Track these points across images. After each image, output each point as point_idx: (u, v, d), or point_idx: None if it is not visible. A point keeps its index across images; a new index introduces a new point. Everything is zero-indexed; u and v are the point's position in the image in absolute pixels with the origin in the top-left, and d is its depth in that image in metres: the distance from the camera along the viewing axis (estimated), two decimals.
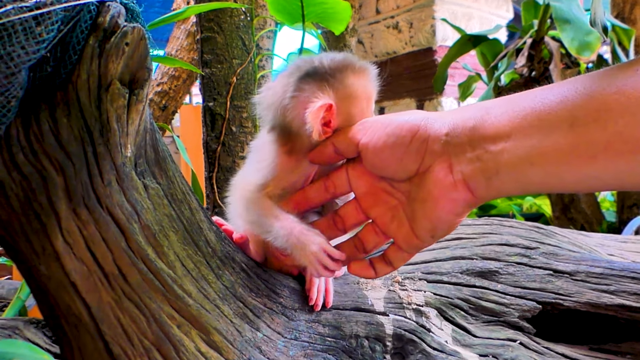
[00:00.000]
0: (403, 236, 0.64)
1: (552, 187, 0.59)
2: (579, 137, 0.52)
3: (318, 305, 0.73)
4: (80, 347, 0.60)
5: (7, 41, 0.52)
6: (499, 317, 0.82)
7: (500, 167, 0.56)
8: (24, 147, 0.57)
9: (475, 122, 0.57)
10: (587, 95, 0.52)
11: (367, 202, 0.67)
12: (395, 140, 0.60)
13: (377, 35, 4.42)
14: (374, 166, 0.64)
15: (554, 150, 0.53)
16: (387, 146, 0.61)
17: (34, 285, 0.62)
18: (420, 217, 0.62)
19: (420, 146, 0.59)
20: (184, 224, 0.65)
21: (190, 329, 0.62)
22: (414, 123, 0.60)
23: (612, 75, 0.52)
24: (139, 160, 0.62)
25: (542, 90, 0.56)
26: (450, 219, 0.61)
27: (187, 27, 2.56)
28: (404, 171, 0.62)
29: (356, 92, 0.67)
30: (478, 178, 0.58)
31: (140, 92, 0.60)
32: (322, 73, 0.66)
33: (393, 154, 0.61)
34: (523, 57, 2.24)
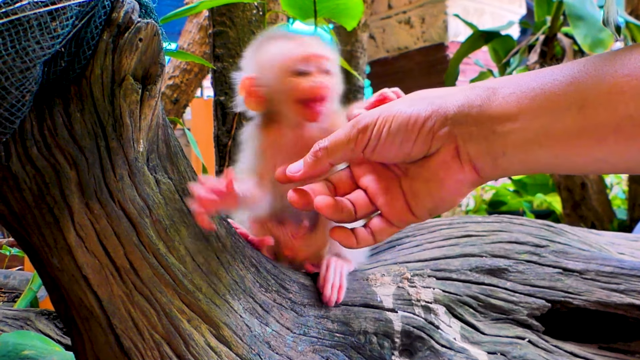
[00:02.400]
0: (396, 210, 0.61)
1: (559, 168, 0.59)
2: (588, 120, 0.51)
3: (332, 301, 0.73)
4: (92, 340, 0.61)
5: (23, 36, 0.52)
6: (507, 314, 0.82)
7: (507, 148, 0.55)
8: (37, 141, 0.57)
9: (482, 102, 0.56)
10: (597, 77, 0.51)
11: (360, 171, 0.64)
12: (402, 138, 0.58)
13: (388, 31, 4.41)
14: (378, 159, 0.61)
15: (563, 132, 0.52)
16: (394, 145, 0.58)
17: (47, 278, 0.63)
18: (422, 196, 0.60)
19: (427, 136, 0.57)
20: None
21: (200, 323, 0.62)
22: (418, 116, 0.57)
23: (624, 56, 0.51)
24: (151, 155, 0.63)
25: (551, 71, 0.55)
26: (453, 199, 0.60)
27: (199, 21, 2.56)
28: (409, 159, 0.60)
29: (272, 60, 0.73)
30: (484, 158, 0.57)
31: (153, 87, 0.61)
32: (252, 49, 0.75)
33: (400, 151, 0.59)
34: (535, 53, 2.23)
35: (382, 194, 0.61)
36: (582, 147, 0.52)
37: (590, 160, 0.54)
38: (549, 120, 0.53)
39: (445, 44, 4.01)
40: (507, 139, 0.54)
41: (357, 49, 2.91)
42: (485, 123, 0.55)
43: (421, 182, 0.59)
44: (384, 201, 0.61)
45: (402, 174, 0.61)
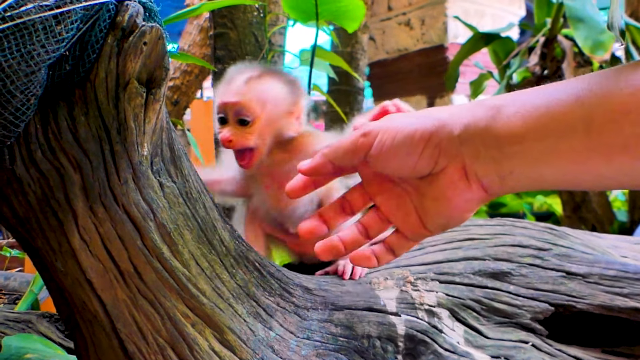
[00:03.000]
0: (410, 226, 0.62)
1: (567, 185, 0.59)
2: (595, 140, 0.51)
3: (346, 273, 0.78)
4: (95, 344, 0.61)
5: (28, 40, 0.52)
6: (511, 318, 0.82)
7: (514, 167, 0.55)
8: (42, 144, 0.57)
9: (487, 123, 0.55)
10: (602, 96, 0.51)
11: (372, 189, 0.64)
12: (408, 150, 0.57)
13: (388, 32, 4.41)
14: (383, 171, 0.62)
15: (570, 151, 0.52)
16: (398, 156, 0.58)
17: (50, 281, 0.62)
18: (431, 214, 0.60)
19: (433, 151, 0.57)
20: (199, 222, 0.65)
21: (204, 327, 0.62)
22: (424, 129, 0.57)
23: (628, 74, 0.51)
24: (155, 159, 0.63)
25: (555, 89, 0.54)
26: (463, 216, 0.60)
27: (199, 23, 2.57)
28: (415, 174, 0.60)
29: None
30: (492, 177, 0.57)
31: (158, 91, 0.60)
32: None
33: (405, 163, 0.58)
34: (536, 55, 2.23)
35: (395, 211, 0.62)
36: (590, 166, 0.52)
37: (597, 177, 0.54)
38: (555, 140, 0.52)
39: (444, 45, 4.01)
40: (514, 158, 0.54)
41: (357, 51, 2.91)
42: (492, 143, 0.55)
43: (430, 200, 0.59)
44: (397, 217, 0.62)
45: (412, 191, 0.61)
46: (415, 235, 0.62)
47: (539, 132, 0.53)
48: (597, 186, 0.57)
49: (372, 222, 0.64)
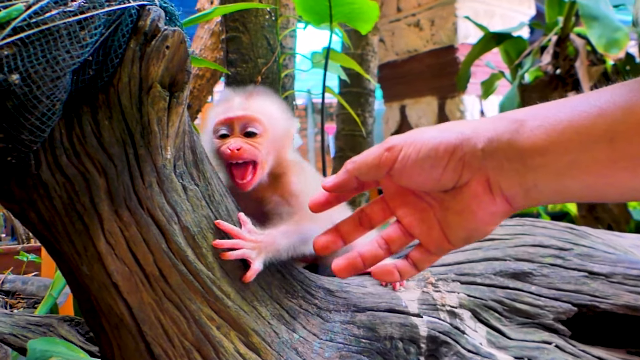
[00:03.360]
0: (433, 239, 0.62)
1: (591, 198, 0.58)
2: (619, 152, 0.51)
3: None
4: (121, 347, 0.61)
5: (53, 45, 0.53)
6: (533, 319, 0.81)
7: (539, 180, 0.55)
8: (67, 149, 0.57)
9: (511, 136, 0.55)
10: (626, 109, 0.51)
11: (395, 202, 0.65)
12: (432, 163, 0.58)
13: (398, 33, 4.40)
14: (407, 185, 0.62)
15: (594, 164, 0.52)
16: (423, 170, 0.59)
17: (75, 285, 0.63)
18: (455, 227, 0.60)
19: (457, 165, 0.57)
20: None
21: (229, 330, 0.62)
22: (449, 142, 0.57)
23: None
24: (178, 162, 0.63)
25: (578, 101, 0.54)
26: (486, 229, 0.60)
27: (210, 27, 2.57)
28: (439, 188, 0.60)
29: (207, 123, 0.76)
30: (516, 190, 0.57)
31: (180, 94, 0.61)
32: None
33: (430, 176, 0.59)
34: (548, 54, 2.22)
35: (418, 224, 0.62)
36: (614, 178, 0.52)
37: (623, 189, 0.53)
38: (579, 154, 0.52)
39: (454, 46, 3.99)
40: (538, 172, 0.55)
41: (368, 53, 2.92)
42: (515, 156, 0.55)
43: (454, 213, 0.60)
44: (420, 231, 0.62)
45: (435, 204, 0.61)
46: (438, 249, 0.62)
47: (562, 145, 0.53)
48: (622, 198, 0.57)
49: (394, 236, 0.64)
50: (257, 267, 0.64)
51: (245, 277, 0.64)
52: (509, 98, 2.37)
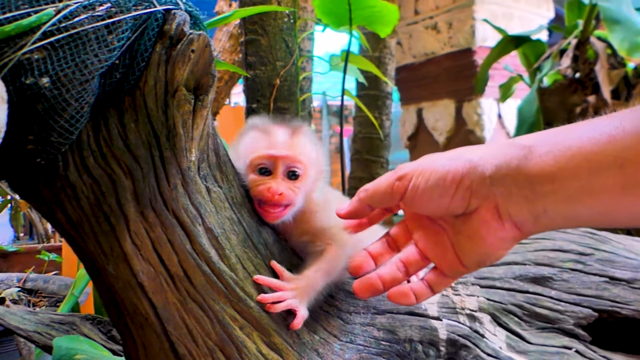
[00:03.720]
0: (447, 262, 0.63)
1: (602, 224, 0.59)
2: (629, 179, 0.51)
3: None
4: (146, 346, 0.62)
5: (82, 49, 0.54)
6: (553, 324, 0.81)
7: (548, 206, 0.55)
8: (94, 151, 0.58)
9: (519, 162, 0.56)
10: (635, 134, 0.51)
11: (412, 225, 0.66)
12: (441, 192, 0.59)
13: (415, 36, 4.40)
14: (419, 211, 0.64)
15: (604, 191, 0.52)
16: (432, 198, 0.60)
17: (101, 284, 0.64)
18: (467, 251, 0.61)
19: (465, 193, 0.58)
20: (244, 227, 0.66)
21: (252, 330, 0.63)
22: (456, 171, 0.58)
23: None
24: (202, 164, 0.64)
25: (587, 127, 0.54)
26: (498, 253, 0.60)
27: (229, 30, 2.59)
28: (449, 214, 0.61)
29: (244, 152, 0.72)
30: (525, 216, 0.57)
31: (205, 97, 0.62)
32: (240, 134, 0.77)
33: (439, 204, 0.60)
34: (568, 57, 2.21)
35: (433, 248, 0.64)
36: (625, 204, 0.52)
37: (633, 215, 0.53)
38: (588, 179, 0.53)
39: (472, 49, 3.97)
40: (547, 198, 0.55)
41: (386, 55, 2.91)
42: (524, 183, 0.55)
43: (465, 237, 0.61)
44: (435, 254, 0.64)
45: (449, 228, 0.62)
46: (452, 272, 0.63)
47: (571, 171, 0.53)
48: (632, 224, 0.56)
49: (412, 260, 0.65)
50: (303, 314, 0.66)
51: (293, 325, 0.65)
52: (528, 102, 2.36)
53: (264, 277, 0.65)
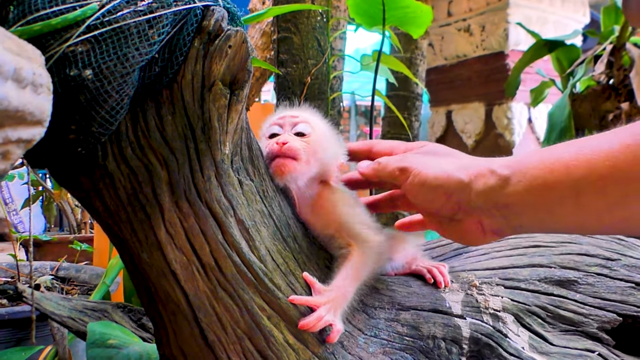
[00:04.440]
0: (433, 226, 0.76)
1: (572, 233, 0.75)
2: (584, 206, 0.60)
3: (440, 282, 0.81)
4: (177, 332, 0.64)
5: (124, 43, 0.56)
6: (577, 326, 0.81)
7: (524, 223, 0.66)
8: (132, 142, 0.60)
9: (497, 192, 0.65)
10: (587, 168, 0.59)
11: None
12: (432, 198, 0.69)
13: (447, 38, 4.38)
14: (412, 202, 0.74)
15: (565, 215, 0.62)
16: (424, 200, 0.71)
17: (135, 272, 0.66)
18: (450, 235, 0.74)
19: (454, 206, 0.68)
20: (274, 220, 0.68)
21: (279, 321, 0.65)
22: (448, 188, 0.67)
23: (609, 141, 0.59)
24: (235, 158, 0.65)
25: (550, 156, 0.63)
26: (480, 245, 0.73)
27: (261, 27, 2.60)
28: (440, 214, 0.71)
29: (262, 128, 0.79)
30: (504, 229, 0.68)
31: (240, 92, 0.63)
32: None
33: (429, 206, 0.72)
34: (602, 63, 2.18)
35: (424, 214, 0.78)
36: (584, 223, 0.62)
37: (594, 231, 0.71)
38: (552, 206, 0.62)
39: (505, 52, 3.95)
40: (522, 217, 0.65)
41: (417, 57, 2.92)
42: (502, 207, 0.65)
43: (450, 231, 0.73)
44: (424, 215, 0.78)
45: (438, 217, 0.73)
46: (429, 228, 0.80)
47: (538, 200, 0.63)
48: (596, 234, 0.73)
49: None
50: (339, 329, 0.67)
51: (330, 339, 0.67)
52: (559, 107, 2.34)
53: (299, 297, 0.66)
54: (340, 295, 0.69)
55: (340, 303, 0.68)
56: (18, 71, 0.44)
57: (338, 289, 0.69)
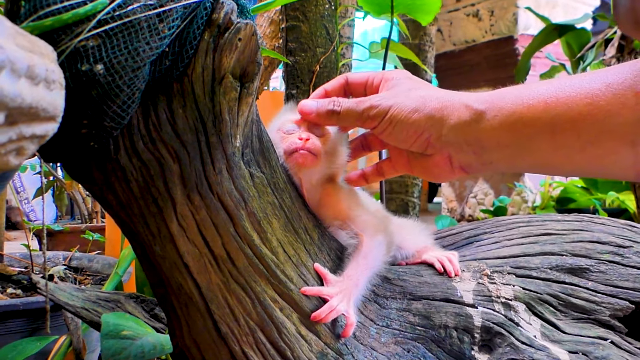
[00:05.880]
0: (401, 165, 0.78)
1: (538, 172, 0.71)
2: (558, 143, 0.61)
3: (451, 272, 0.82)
4: (189, 324, 0.65)
5: (134, 37, 0.56)
6: (589, 314, 0.81)
7: (494, 159, 0.67)
8: (143, 135, 0.61)
9: (471, 125, 0.66)
10: (565, 104, 0.60)
11: None
12: (403, 138, 0.70)
13: (456, 24, 4.35)
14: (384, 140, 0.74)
15: (538, 151, 0.63)
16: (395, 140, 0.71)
17: (147, 264, 0.66)
18: (418, 172, 0.76)
19: (423, 143, 0.69)
20: (285, 212, 0.68)
21: (291, 312, 0.65)
22: (418, 126, 0.68)
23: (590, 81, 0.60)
24: (246, 150, 0.66)
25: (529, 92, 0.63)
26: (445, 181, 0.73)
27: (269, 15, 2.59)
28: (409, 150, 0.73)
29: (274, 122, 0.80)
30: (473, 164, 0.69)
31: (251, 85, 0.63)
32: None
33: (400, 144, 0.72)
34: (613, 47, 2.16)
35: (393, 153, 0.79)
36: (555, 161, 0.64)
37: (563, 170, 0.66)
38: (525, 141, 0.63)
39: (514, 37, 3.93)
40: (493, 153, 0.66)
41: (425, 43, 2.90)
42: (474, 141, 0.66)
43: (419, 167, 0.75)
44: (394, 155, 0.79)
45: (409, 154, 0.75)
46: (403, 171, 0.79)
47: (512, 134, 0.64)
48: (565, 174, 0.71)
49: None
50: (353, 322, 0.68)
51: (345, 333, 0.68)
52: None
53: (311, 288, 0.67)
54: (352, 285, 0.69)
55: (353, 292, 0.69)
56: (31, 68, 0.44)
57: (350, 279, 0.69)
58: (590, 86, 0.59)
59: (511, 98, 0.64)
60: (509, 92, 0.66)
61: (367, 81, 0.77)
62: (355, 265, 0.71)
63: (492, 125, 0.64)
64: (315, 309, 0.66)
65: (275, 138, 0.75)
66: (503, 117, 0.63)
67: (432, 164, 0.71)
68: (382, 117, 0.70)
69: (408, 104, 0.69)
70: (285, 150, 0.74)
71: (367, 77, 0.78)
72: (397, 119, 0.69)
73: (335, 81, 0.81)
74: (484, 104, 0.65)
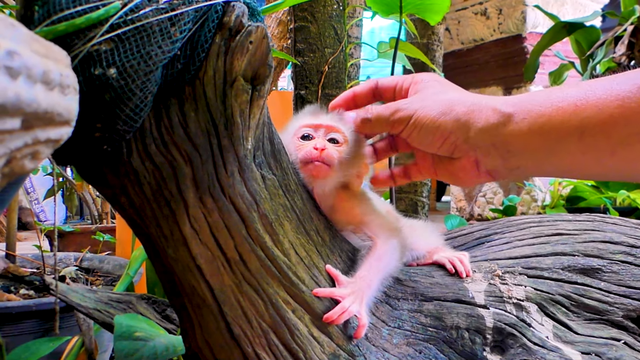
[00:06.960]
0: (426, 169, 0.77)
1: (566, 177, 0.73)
2: (587, 146, 0.60)
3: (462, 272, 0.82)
4: (202, 326, 0.65)
5: (147, 41, 0.56)
6: (602, 315, 0.81)
7: (521, 163, 0.66)
8: (156, 138, 0.61)
9: (498, 128, 0.65)
10: (595, 107, 0.59)
11: None
12: (430, 142, 0.69)
13: (464, 22, 4.34)
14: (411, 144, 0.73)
15: (566, 153, 0.62)
16: (422, 144, 0.71)
17: (160, 266, 0.67)
18: (443, 177, 0.75)
19: (450, 147, 0.68)
20: (297, 213, 0.68)
21: (303, 314, 0.65)
22: (445, 129, 0.67)
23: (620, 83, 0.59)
24: (257, 152, 0.66)
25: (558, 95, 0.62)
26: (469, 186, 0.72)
27: (278, 16, 2.60)
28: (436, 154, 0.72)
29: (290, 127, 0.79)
30: (501, 170, 0.68)
31: (262, 87, 0.63)
32: None
33: (427, 148, 0.71)
34: (623, 45, 2.15)
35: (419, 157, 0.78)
36: (583, 165, 0.63)
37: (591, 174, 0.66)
38: (554, 144, 0.62)
39: (523, 35, 3.91)
40: (521, 158, 0.65)
41: (434, 42, 2.89)
42: (501, 145, 0.65)
43: (445, 172, 0.74)
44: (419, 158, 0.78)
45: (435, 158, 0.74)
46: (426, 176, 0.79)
47: (541, 138, 0.63)
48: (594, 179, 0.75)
49: None
50: (365, 323, 0.68)
51: (357, 334, 0.68)
52: None
53: (323, 290, 0.67)
54: (364, 286, 0.69)
55: (365, 293, 0.69)
56: (46, 73, 0.44)
57: (362, 280, 0.69)
58: (621, 88, 0.58)
59: (539, 101, 0.64)
60: (538, 94, 0.65)
61: (397, 85, 0.77)
62: (368, 267, 0.71)
63: (520, 128, 0.63)
64: (328, 311, 0.66)
65: (290, 144, 0.75)
66: (531, 120, 0.63)
67: (458, 168, 0.71)
68: (407, 121, 0.70)
69: (434, 108, 0.69)
70: (301, 160, 0.73)
71: (396, 82, 0.77)
72: (422, 122, 0.68)
73: (365, 84, 0.81)
74: (512, 107, 0.65)
